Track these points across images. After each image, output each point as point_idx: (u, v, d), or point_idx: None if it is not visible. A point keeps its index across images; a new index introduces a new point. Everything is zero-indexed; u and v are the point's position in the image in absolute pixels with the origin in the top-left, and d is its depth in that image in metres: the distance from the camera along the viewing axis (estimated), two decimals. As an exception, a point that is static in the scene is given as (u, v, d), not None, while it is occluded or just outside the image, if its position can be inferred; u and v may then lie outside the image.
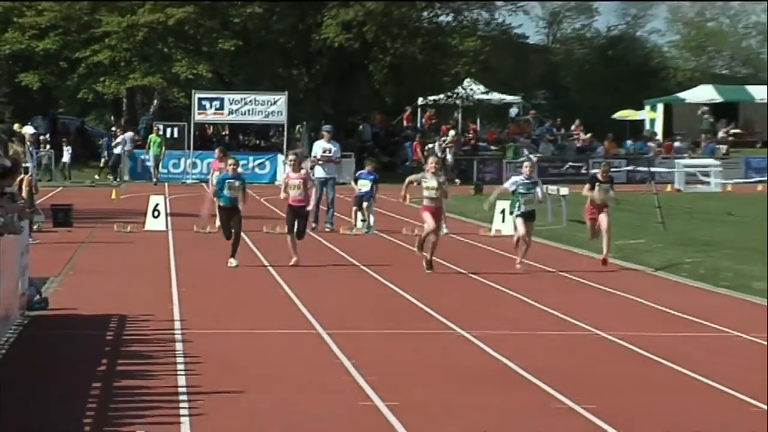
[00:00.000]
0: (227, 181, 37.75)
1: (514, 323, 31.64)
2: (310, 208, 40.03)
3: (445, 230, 55.26)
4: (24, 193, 37.78)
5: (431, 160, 36.20)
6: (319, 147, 59.98)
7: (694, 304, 35.67)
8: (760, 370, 24.83)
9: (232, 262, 39.98)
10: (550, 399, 22.97)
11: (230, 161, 39.77)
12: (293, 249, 38.01)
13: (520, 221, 37.72)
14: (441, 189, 36.21)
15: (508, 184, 35.95)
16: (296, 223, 38.69)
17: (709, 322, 32.54)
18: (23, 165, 41.71)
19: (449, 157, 77.45)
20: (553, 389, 23.52)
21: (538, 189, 37.40)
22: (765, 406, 21.92)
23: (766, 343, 18.65)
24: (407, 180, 36.88)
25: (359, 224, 55.93)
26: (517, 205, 36.60)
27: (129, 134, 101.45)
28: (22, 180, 37.42)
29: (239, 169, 41.90)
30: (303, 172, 39.89)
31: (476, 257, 45.96)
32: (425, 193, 35.77)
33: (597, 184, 38.12)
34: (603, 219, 39.54)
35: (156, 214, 57.23)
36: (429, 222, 37.74)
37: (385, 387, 22.83)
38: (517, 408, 21.90)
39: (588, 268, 43.49)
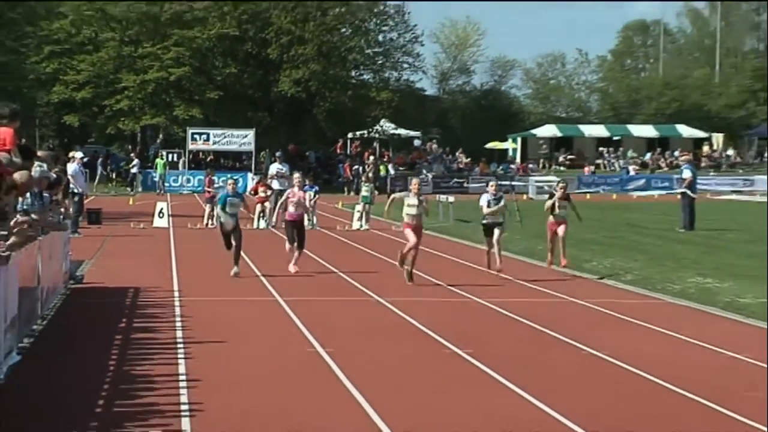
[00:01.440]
0: (228, 198, 33.84)
1: (417, 292, 31.47)
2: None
3: (366, 226, 54.90)
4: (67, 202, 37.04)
5: (414, 181, 31.76)
6: (274, 167, 61.36)
7: (541, 276, 35.46)
8: (579, 318, 24.55)
9: (235, 269, 34.13)
10: (441, 347, 22.71)
11: (230, 181, 35.87)
12: (294, 259, 34.33)
13: (487, 234, 34.53)
14: (422, 207, 31.64)
15: (483, 203, 33.02)
16: (295, 235, 34.90)
17: (550, 290, 32.45)
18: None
19: (371, 174, 76.85)
20: (443, 339, 23.44)
21: (502, 203, 34.56)
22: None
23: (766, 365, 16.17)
24: (391, 197, 32.59)
25: (306, 222, 55.55)
26: (484, 217, 33.69)
27: (137, 160, 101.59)
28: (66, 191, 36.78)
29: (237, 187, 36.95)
30: (302, 192, 36.24)
31: (390, 244, 45.65)
32: (407, 210, 31.28)
33: (555, 200, 34.92)
34: (560, 230, 35.27)
35: (161, 215, 57.01)
36: (411, 239, 32.46)
37: (325, 339, 22.52)
38: (419, 354, 21.76)
39: (468, 255, 43.16)
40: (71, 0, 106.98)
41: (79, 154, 54.02)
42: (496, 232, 33.80)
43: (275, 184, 59.19)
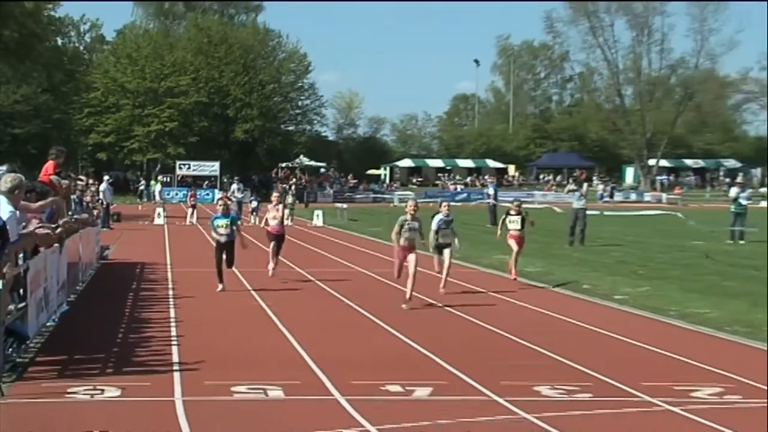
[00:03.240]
0: (215, 220, 24.76)
1: (326, 265, 31.16)
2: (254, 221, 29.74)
3: (290, 223, 54.51)
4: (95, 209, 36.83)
5: (410, 203, 23.23)
6: (234, 186, 60.90)
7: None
8: (436, 284, 24.50)
9: (219, 287, 24.18)
10: (342, 301, 22.59)
11: (220, 202, 26.77)
12: (274, 264, 27.50)
13: (437, 253, 24.37)
14: (419, 230, 22.35)
15: (434, 224, 23.90)
16: (275, 245, 27.50)
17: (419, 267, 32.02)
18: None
19: (293, 189, 76.55)
20: (343, 297, 23.22)
21: (452, 225, 24.86)
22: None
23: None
24: (395, 231, 22.25)
25: (251, 221, 55.14)
26: (435, 238, 24.16)
27: (143, 182, 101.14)
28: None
29: (232, 206, 30.42)
30: (280, 207, 28.23)
31: (305, 236, 45.29)
32: (408, 234, 22.16)
33: (509, 216, 27.03)
34: (513, 244, 26.66)
35: (158, 216, 56.46)
36: (401, 260, 22.55)
37: (265, 296, 22.38)
38: (328, 306, 21.52)
39: (356, 241, 43.01)
40: None
41: (106, 178, 55.35)
42: (446, 252, 24.10)
43: (236, 196, 59.36)
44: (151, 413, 11.76)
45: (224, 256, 24.45)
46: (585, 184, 47.86)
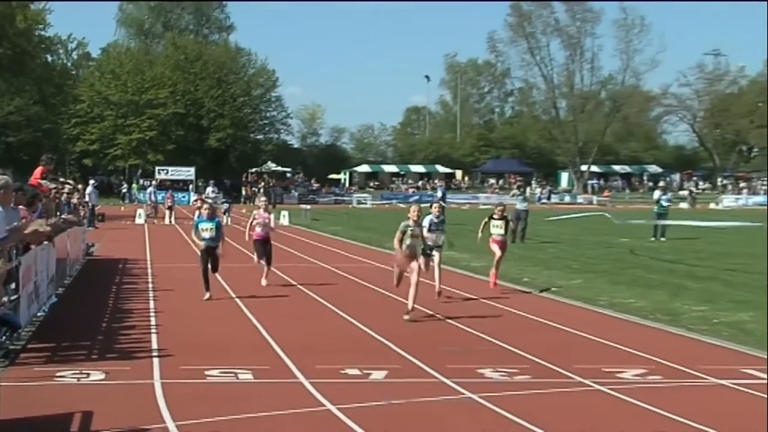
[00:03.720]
0: (201, 223, 21.60)
1: (289, 260, 31.02)
2: (227, 221, 24.90)
3: (272, 224, 54.35)
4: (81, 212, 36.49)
5: (413, 208, 20.03)
6: (209, 189, 60.57)
7: (355, 253, 35.13)
8: (385, 275, 24.44)
9: (207, 295, 21.13)
10: (304, 293, 22.47)
11: (205, 206, 23.60)
12: (264, 274, 24.16)
13: (426, 255, 20.94)
14: (421, 236, 19.50)
15: (426, 224, 20.69)
16: (263, 252, 24.10)
17: (366, 258, 32.10)
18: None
19: (262, 191, 76.34)
20: (305, 288, 23.09)
21: (443, 227, 21.92)
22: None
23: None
24: (396, 239, 19.25)
25: (223, 221, 54.85)
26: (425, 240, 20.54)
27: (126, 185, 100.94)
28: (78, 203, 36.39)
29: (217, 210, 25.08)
30: (267, 214, 24.80)
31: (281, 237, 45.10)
32: (409, 241, 19.06)
33: (492, 220, 23.81)
34: (496, 249, 23.83)
35: (139, 216, 56.22)
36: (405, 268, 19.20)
37: (236, 288, 22.30)
38: (293, 298, 21.41)
39: (318, 239, 42.90)
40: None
41: (92, 182, 55.01)
42: (436, 256, 21.47)
43: (210, 197, 59.20)
44: (132, 395, 11.76)
45: (210, 263, 21.47)
46: (528, 188, 47.87)
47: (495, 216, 23.97)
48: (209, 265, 21.54)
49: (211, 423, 10.50)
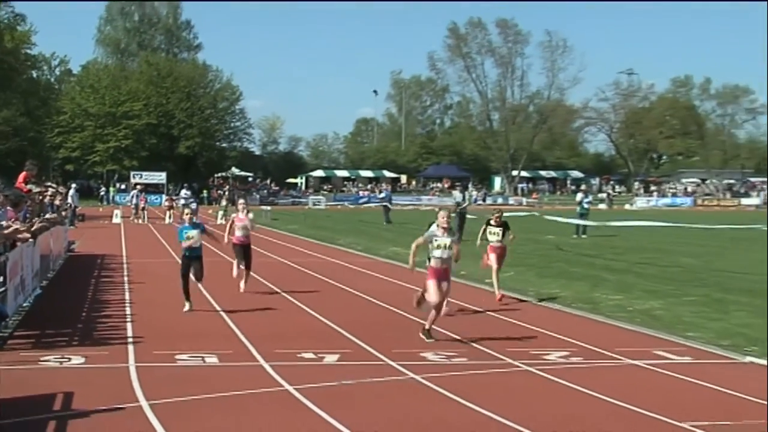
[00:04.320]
0: (185, 231, 18.07)
1: (259, 255, 30.87)
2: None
3: (222, 221, 53.61)
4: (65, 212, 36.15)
5: (442, 213, 15.21)
6: (183, 192, 60.33)
7: (314, 250, 35.08)
8: (337, 269, 24.31)
9: (187, 305, 17.82)
10: (267, 287, 22.39)
11: (187, 210, 22.23)
12: (240, 277, 21.14)
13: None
14: (453, 248, 14.91)
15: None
16: (243, 256, 21.08)
17: (318, 253, 32.09)
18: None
19: (227, 194, 75.90)
20: (268, 282, 23.01)
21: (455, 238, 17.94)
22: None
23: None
24: (414, 245, 15.06)
25: (220, 220, 54.45)
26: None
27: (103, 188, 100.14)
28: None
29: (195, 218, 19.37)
30: (249, 215, 21.57)
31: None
32: (435, 252, 14.79)
33: (489, 227, 20.07)
34: (494, 259, 20.20)
35: (115, 216, 55.65)
36: (433, 292, 14.86)
37: (205, 282, 22.12)
38: (257, 293, 21.31)
39: (277, 236, 42.67)
40: None
41: (74, 185, 54.72)
42: (444, 284, 15.03)
43: (181, 201, 59.53)
44: (109, 377, 11.72)
45: (192, 272, 18.24)
46: (467, 191, 47.78)
47: (492, 222, 20.36)
48: (191, 274, 18.27)
49: (181, 402, 10.48)
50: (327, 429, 9.43)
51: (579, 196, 44.81)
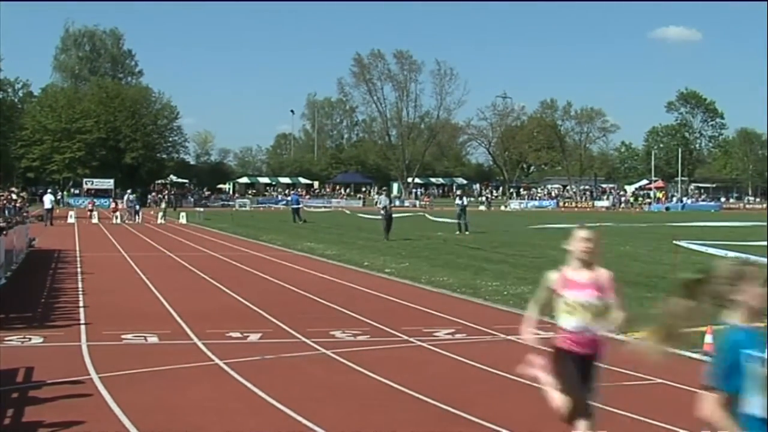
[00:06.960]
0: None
1: (187, 250, 30.40)
2: (139, 220, 23.56)
3: (163, 221, 52.74)
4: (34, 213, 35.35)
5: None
6: (129, 196, 58.96)
7: (251, 248, 34.74)
8: (264, 263, 24.10)
9: None
10: (199, 276, 22.14)
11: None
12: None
13: None
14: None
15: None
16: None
17: (250, 250, 31.67)
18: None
19: (166, 197, 74.90)
20: (200, 272, 22.67)
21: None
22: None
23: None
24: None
25: (137, 220, 53.52)
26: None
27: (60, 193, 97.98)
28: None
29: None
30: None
31: (180, 232, 44.14)
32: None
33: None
34: None
35: (70, 217, 54.39)
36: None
37: (144, 269, 21.81)
38: (189, 279, 21.00)
39: (209, 234, 42.15)
40: None
41: (50, 191, 55.00)
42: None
43: (127, 203, 58.21)
44: (64, 354, 11.57)
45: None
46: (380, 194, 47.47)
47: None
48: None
49: (126, 375, 10.37)
50: (251, 396, 9.41)
51: (457, 200, 45.26)
